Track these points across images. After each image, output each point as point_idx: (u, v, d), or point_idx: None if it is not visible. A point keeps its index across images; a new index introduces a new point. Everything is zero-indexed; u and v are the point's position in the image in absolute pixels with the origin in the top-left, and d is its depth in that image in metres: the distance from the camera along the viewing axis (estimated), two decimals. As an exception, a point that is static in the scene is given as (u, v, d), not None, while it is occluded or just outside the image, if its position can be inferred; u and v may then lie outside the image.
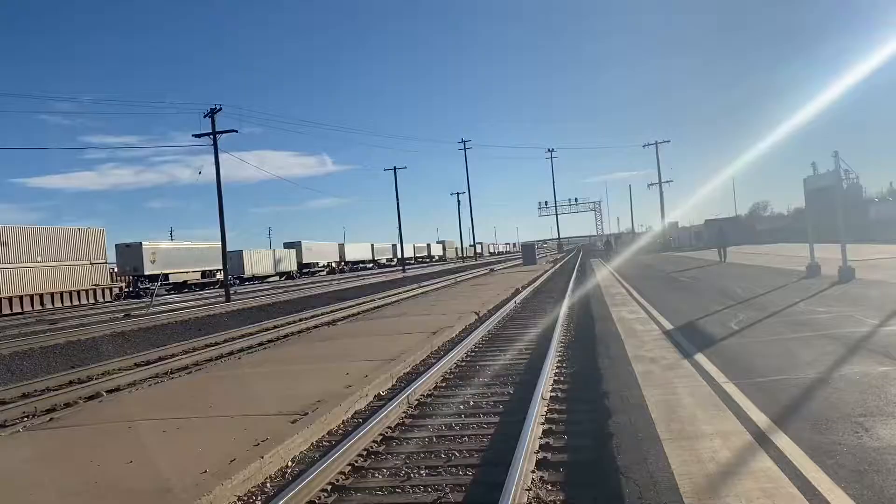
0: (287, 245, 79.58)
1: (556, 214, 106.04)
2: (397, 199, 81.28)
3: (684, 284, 21.42)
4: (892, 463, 4.61)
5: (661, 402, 6.72)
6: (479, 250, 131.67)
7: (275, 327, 20.14)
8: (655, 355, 9.43)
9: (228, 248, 39.96)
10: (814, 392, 6.62)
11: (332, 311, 24.19)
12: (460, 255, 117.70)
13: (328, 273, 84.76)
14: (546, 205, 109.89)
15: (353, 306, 26.09)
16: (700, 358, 8.84)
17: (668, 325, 12.27)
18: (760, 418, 5.88)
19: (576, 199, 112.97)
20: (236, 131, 39.04)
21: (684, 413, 6.28)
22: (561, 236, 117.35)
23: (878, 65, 33.87)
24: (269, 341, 17.38)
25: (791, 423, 5.68)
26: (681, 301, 16.33)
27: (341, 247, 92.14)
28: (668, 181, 76.40)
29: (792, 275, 20.30)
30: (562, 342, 12.04)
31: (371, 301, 28.26)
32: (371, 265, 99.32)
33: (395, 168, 76.67)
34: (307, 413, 7.20)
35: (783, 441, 5.23)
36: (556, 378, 9.01)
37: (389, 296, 30.82)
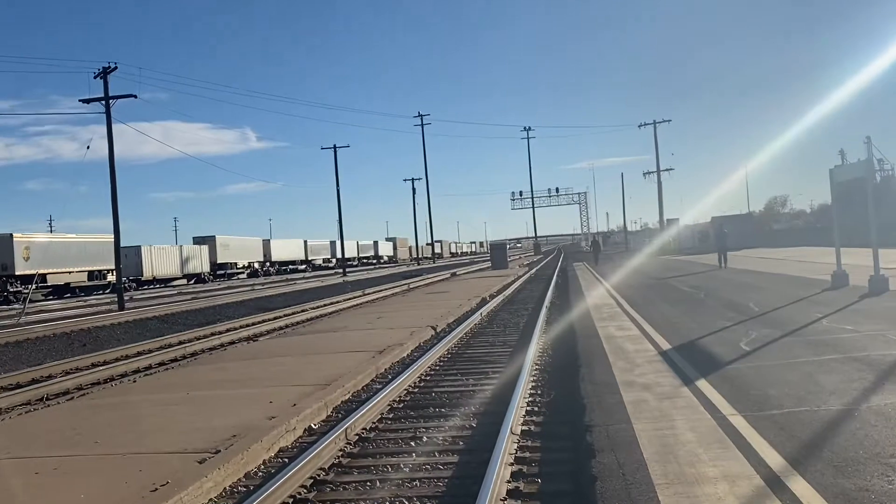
0: (198, 240, 78.54)
1: (533, 207, 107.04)
2: (337, 186, 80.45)
3: (685, 295, 21.76)
4: (927, 513, 4.74)
5: (655, 439, 6.81)
6: (438, 250, 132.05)
7: (180, 343, 19.85)
8: (649, 381, 9.56)
9: (124, 244, 39.31)
10: (838, 427, 6.77)
11: (253, 324, 23.94)
12: (415, 256, 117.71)
13: (249, 276, 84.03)
14: (521, 195, 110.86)
15: (281, 318, 25.87)
16: (703, 385, 8.98)
17: (665, 345, 12.45)
18: (774, 459, 5.99)
19: (556, 190, 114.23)
20: (135, 96, 38.20)
21: (683, 452, 6.36)
22: (538, 234, 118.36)
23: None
24: (174, 360, 17.12)
25: (811, 464, 5.80)
26: (680, 315, 16.59)
27: (266, 243, 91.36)
28: (667, 169, 78.00)
29: (814, 285, 20.77)
30: (536, 364, 12.12)
31: (303, 311, 28.07)
32: (304, 267, 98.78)
33: (334, 147, 76.25)
34: (219, 451, 7.11)
35: (801, 487, 5.34)
36: (528, 408, 9.06)
37: (326, 305, 30.65)
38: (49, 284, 52.69)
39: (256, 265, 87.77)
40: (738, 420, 7.24)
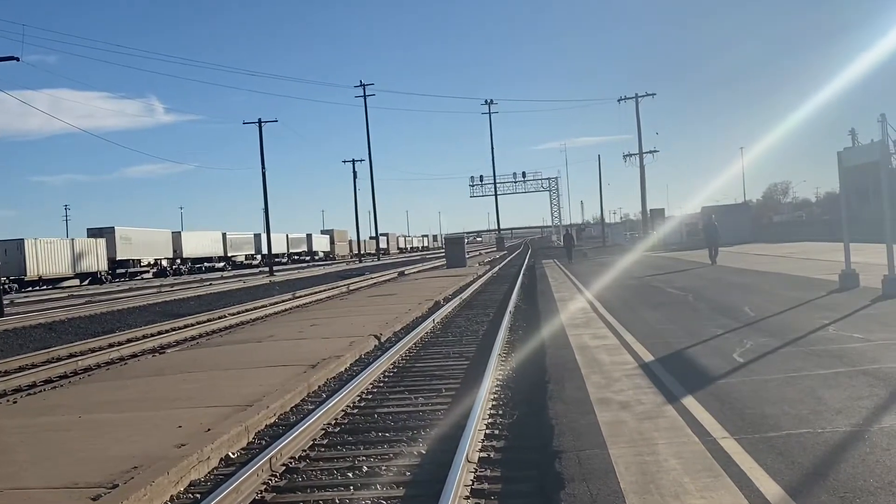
0: (93, 233, 77.52)
1: (496, 194, 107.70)
2: (263, 168, 79.53)
3: (670, 297, 21.99)
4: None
5: (634, 466, 6.87)
6: (383, 245, 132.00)
7: (71, 356, 19.58)
8: (628, 398, 9.64)
9: (3, 237, 38.60)
10: (845, 452, 6.88)
11: (160, 333, 23.68)
12: (356, 252, 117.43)
13: (156, 275, 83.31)
14: (481, 181, 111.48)
15: (194, 326, 25.64)
16: (690, 403, 9.07)
17: (647, 356, 12.57)
18: (772, 489, 6.08)
19: (523, 174, 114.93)
20: (17, 59, 37.56)
21: (666, 481, 6.43)
22: (502, 227, 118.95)
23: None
24: (63, 377, 16.91)
25: (813, 494, 5.90)
26: (665, 321, 16.75)
27: (177, 237, 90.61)
28: (652, 151, 78.87)
29: (818, 286, 21.09)
30: (497, 380, 12.18)
31: (220, 318, 27.86)
32: (222, 265, 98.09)
33: (259, 121, 75.78)
34: (117, 485, 7.03)
35: (801, 520, 5.42)
36: (488, 431, 9.11)
37: (249, 310, 30.47)
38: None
39: (165, 262, 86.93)
40: (730, 444, 7.33)
